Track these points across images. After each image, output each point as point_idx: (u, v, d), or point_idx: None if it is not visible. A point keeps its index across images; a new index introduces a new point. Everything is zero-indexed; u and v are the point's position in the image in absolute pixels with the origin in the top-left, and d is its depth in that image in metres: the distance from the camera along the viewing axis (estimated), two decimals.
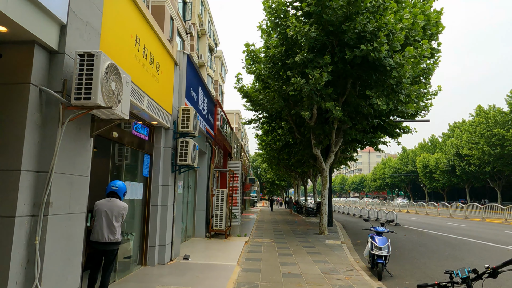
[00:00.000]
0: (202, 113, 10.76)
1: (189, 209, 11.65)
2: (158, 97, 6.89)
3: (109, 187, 4.65)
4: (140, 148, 6.82)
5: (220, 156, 16.65)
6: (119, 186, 4.68)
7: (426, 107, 16.28)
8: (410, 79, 11.16)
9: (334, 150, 15.37)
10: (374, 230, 8.04)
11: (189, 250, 9.46)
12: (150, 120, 7.09)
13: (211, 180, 12.70)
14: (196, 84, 9.80)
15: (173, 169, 7.76)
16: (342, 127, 15.03)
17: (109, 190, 4.65)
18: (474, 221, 24.37)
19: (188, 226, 11.68)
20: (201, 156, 12.22)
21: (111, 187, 4.64)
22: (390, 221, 8.38)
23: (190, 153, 7.56)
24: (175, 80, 8.04)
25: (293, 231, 15.95)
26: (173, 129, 7.88)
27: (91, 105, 3.55)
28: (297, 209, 32.41)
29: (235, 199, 17.79)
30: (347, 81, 13.29)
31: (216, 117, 13.27)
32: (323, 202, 15.06)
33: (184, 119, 7.70)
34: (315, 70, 11.29)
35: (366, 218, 8.67)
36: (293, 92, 12.37)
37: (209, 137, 12.24)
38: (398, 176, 75.40)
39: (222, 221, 11.87)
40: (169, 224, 7.64)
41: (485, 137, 41.48)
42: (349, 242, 13.06)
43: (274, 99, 15.12)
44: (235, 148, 19.87)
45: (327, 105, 11.74)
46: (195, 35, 27.52)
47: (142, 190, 7.05)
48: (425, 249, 11.74)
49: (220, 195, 12.01)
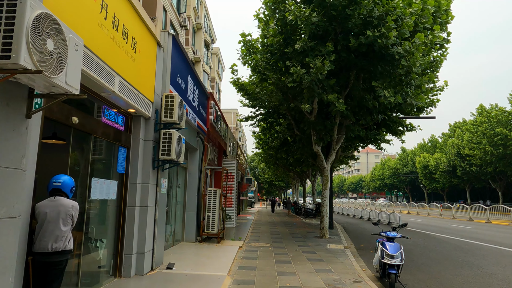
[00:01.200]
0: (192, 104, 9.76)
1: (178, 210, 10.63)
2: (135, 80, 5.88)
3: (51, 184, 3.64)
4: (114, 140, 5.80)
5: (214, 153, 15.63)
6: (64, 181, 3.66)
7: (433, 103, 15.31)
8: (420, 69, 10.17)
9: (336, 147, 14.39)
10: (384, 235, 7.05)
11: (175, 257, 8.44)
12: (126, 108, 6.07)
13: (203, 179, 11.69)
14: (184, 71, 8.79)
15: (155, 165, 6.74)
16: (345, 122, 14.04)
17: (51, 187, 3.63)
18: (479, 223, 23.45)
19: (177, 229, 10.66)
20: (191, 153, 11.20)
21: (52, 183, 3.63)
22: (403, 225, 7.39)
23: (174, 147, 6.54)
24: (158, 64, 7.02)
25: (292, 234, 14.95)
26: (155, 119, 6.87)
27: (13, 68, 2.54)
28: (296, 210, 31.42)
29: (230, 199, 16.77)
30: (351, 73, 12.31)
31: (209, 111, 12.26)
32: (324, 203, 14.07)
33: (167, 107, 6.69)
34: (317, 59, 10.31)
35: (375, 222, 7.68)
36: (292, 83, 11.38)
37: (200, 132, 11.23)
38: (398, 177, 74.53)
39: (214, 223, 10.85)
40: (150, 229, 6.62)
41: (487, 137, 40.60)
42: (352, 247, 12.08)
43: (272, 92, 14.13)
44: (231, 146, 18.86)
45: (329, 97, 10.75)
46: (190, 29, 26.50)
47: (117, 189, 6.03)
48: (435, 254, 10.76)
49: (212, 195, 10.99)
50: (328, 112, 14.32)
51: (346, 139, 15.45)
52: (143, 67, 6.25)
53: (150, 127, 6.72)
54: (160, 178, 7.05)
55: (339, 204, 47.52)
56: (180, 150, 6.94)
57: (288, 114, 15.60)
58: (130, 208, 6.26)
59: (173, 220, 10.29)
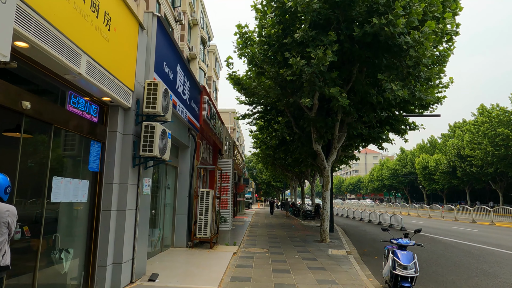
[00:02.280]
0: (182, 97, 8.92)
1: (167, 213, 9.79)
2: (110, 64, 5.04)
3: None
4: (84, 133, 4.96)
5: (209, 152, 14.80)
6: None
7: (439, 100, 14.53)
8: (430, 60, 9.37)
9: (337, 146, 13.58)
10: (396, 242, 6.23)
11: (162, 265, 7.59)
12: (100, 95, 5.23)
13: (195, 179, 10.85)
14: (172, 59, 7.95)
15: (135, 163, 5.90)
16: (346, 120, 13.24)
17: None
18: (483, 225, 22.70)
19: (166, 233, 9.81)
20: (182, 151, 10.36)
21: None
22: (417, 231, 6.56)
23: (157, 142, 5.71)
24: (140, 48, 6.19)
25: (290, 237, 14.12)
26: (136, 111, 6.03)
27: None
28: (294, 211, 30.60)
29: (226, 201, 15.94)
30: (354, 66, 11.51)
31: (202, 106, 11.43)
32: (325, 205, 13.26)
33: (150, 96, 5.86)
34: (318, 49, 9.50)
35: (385, 227, 6.84)
36: (292, 76, 10.57)
37: (192, 129, 10.39)
38: (396, 178, 73.87)
39: (207, 227, 10.01)
40: (129, 235, 5.78)
41: (488, 137, 39.96)
42: (355, 252, 11.27)
43: (269, 88, 13.31)
44: (227, 145, 18.03)
45: (331, 91, 9.94)
46: (185, 25, 25.66)
47: (88, 190, 5.19)
48: (445, 261, 9.96)
49: (205, 197, 10.15)
50: (329, 108, 13.52)
51: (347, 137, 14.65)
52: (120, 49, 5.41)
53: (130, 119, 5.88)
54: (142, 178, 6.21)
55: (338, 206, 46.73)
56: (165, 146, 6.10)
57: (286, 111, 14.78)
58: (105, 212, 5.42)
59: (162, 223, 9.46)
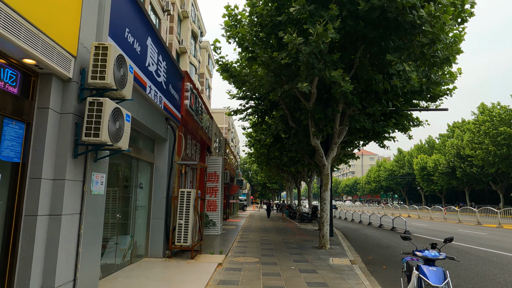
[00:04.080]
0: (156, 79, 7.46)
1: (140, 217, 8.31)
2: (35, 13, 3.60)
3: None
4: None
5: (195, 149, 13.33)
6: None
7: (449, 91, 13.19)
8: (448, 38, 7.99)
9: (338, 141, 12.18)
10: (422, 255, 4.80)
11: (125, 283, 6.11)
12: (20, 56, 3.77)
13: (174, 178, 9.38)
14: (140, 29, 6.50)
15: (77, 152, 4.43)
16: (348, 111, 11.85)
17: None
18: (490, 228, 21.39)
19: (140, 241, 8.33)
20: (159, 144, 8.89)
21: None
22: (449, 240, 5.13)
23: (105, 123, 4.25)
24: (88, 1, 4.72)
25: (286, 243, 12.67)
26: (81, 83, 4.57)
27: None
28: (290, 214, 29.16)
29: (214, 203, 14.46)
30: (358, 49, 10.14)
31: (184, 94, 9.97)
32: (324, 207, 11.83)
33: (97, 63, 4.40)
34: (318, 24, 8.09)
35: (405, 235, 5.38)
36: (287, 59, 9.15)
37: (171, 119, 8.94)
38: (394, 179, 72.71)
39: (187, 233, 8.54)
40: (68, 248, 4.30)
41: (490, 137, 38.83)
42: (359, 260, 9.85)
43: (261, 79, 11.89)
44: (217, 142, 16.58)
45: (332, 74, 8.53)
46: (175, 16, 24.22)
47: (2, 188, 3.72)
48: (465, 271, 8.57)
49: (185, 198, 8.68)
50: (329, 98, 12.13)
51: (348, 132, 13.26)
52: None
53: (71, 94, 4.42)
54: (90, 173, 4.74)
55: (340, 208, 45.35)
56: (120, 130, 4.64)
57: (281, 103, 13.36)
58: (30, 218, 3.94)
59: (133, 230, 7.97)
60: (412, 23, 8.22)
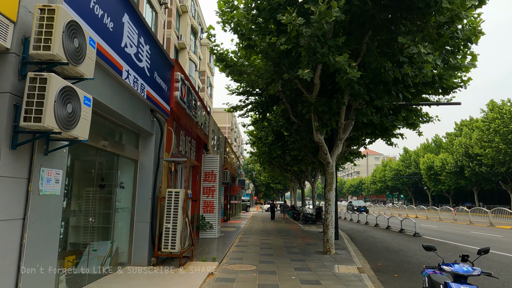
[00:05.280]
0: (136, 63, 6.56)
1: (121, 220, 7.41)
2: None
3: None
4: None
5: (190, 146, 12.43)
6: None
7: (463, 82, 12.16)
8: (469, 15, 7.01)
9: (343, 137, 11.22)
10: (451, 270, 3.83)
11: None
12: None
13: (162, 177, 8.47)
14: (112, 1, 5.58)
15: (16, 141, 3.53)
16: (354, 104, 10.89)
17: None
18: (504, 230, 20.23)
19: (122, 247, 7.43)
20: (144, 140, 7.99)
21: None
22: (484, 252, 4.13)
23: (50, 104, 3.35)
24: None
25: (288, 247, 11.72)
26: (24, 56, 3.67)
27: None
28: (294, 215, 28.17)
29: (212, 203, 13.54)
30: (365, 33, 9.18)
31: (174, 85, 9.07)
32: (329, 209, 10.85)
33: (42, 30, 3.50)
34: (320, 2, 7.15)
35: (429, 245, 4.38)
36: (286, 44, 8.21)
37: (158, 111, 8.03)
38: (400, 179, 71.27)
39: (175, 239, 7.62)
40: (4, 264, 3.40)
41: (500, 134, 37.52)
42: (368, 268, 8.88)
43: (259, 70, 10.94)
44: (215, 139, 15.65)
45: (337, 59, 7.58)
46: (173, 11, 23.38)
47: None
48: (487, 280, 7.55)
49: (173, 198, 7.77)
50: (333, 90, 11.17)
51: (355, 126, 12.28)
52: None
53: (7, 68, 3.52)
54: (38, 168, 3.84)
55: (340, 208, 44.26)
56: (74, 115, 3.73)
57: (282, 96, 12.41)
58: None
59: (113, 234, 7.08)
60: (427, 0, 7.25)
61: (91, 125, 4.14)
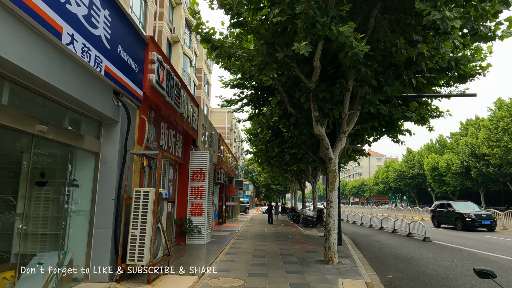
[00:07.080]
0: (87, 29, 5.20)
1: (76, 226, 6.05)
2: None
3: None
4: None
5: (174, 141, 11.07)
6: None
7: (482, 69, 10.79)
8: None
9: (347, 129, 9.83)
10: None
11: None
12: None
13: (133, 174, 7.09)
14: None
15: None
16: (360, 91, 9.52)
17: None
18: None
19: (77, 259, 6.06)
20: (107, 129, 6.62)
21: None
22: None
23: None
24: None
25: (284, 255, 10.32)
26: None
27: None
28: (294, 217, 26.74)
29: (200, 205, 12.16)
30: (374, 4, 7.81)
31: (149, 67, 7.71)
32: (330, 211, 9.46)
33: None
34: None
35: (483, 270, 2.94)
36: (280, 16, 6.85)
37: (126, 95, 6.68)
38: (403, 180, 69.67)
39: (143, 248, 6.25)
40: None
41: (509, 133, 36.02)
42: (377, 281, 7.48)
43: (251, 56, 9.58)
44: (206, 135, 14.27)
45: (341, 30, 6.20)
46: (165, 1, 22.08)
47: None
48: None
49: (141, 200, 6.40)
50: (335, 76, 9.79)
51: (360, 118, 10.90)
52: None
53: None
54: None
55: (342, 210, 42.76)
56: None
57: (277, 85, 11.03)
58: None
59: (65, 243, 5.71)
60: None
61: (13, 101, 2.79)
